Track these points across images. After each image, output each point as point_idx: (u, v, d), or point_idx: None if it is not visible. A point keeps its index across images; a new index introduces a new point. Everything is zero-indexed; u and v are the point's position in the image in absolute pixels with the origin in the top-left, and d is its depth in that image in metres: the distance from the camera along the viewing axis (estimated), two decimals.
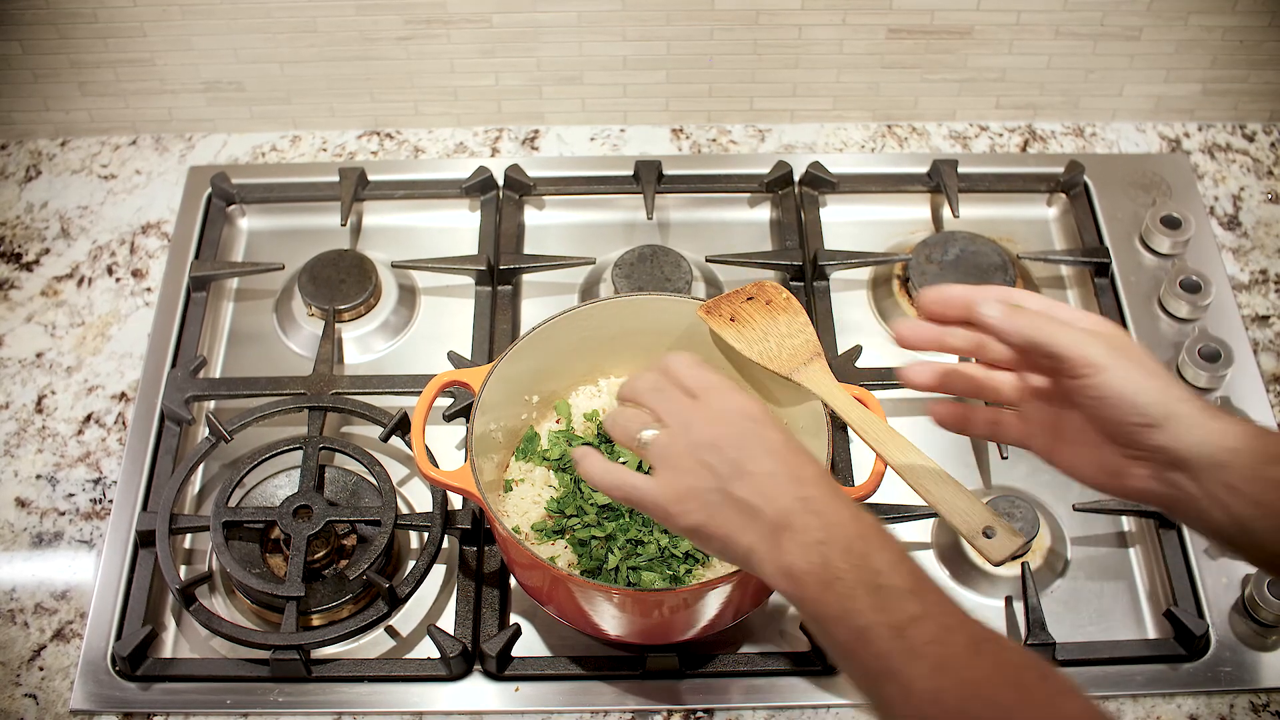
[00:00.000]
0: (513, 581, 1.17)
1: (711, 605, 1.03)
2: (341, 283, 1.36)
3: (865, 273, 1.40)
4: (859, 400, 1.06)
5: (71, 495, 1.24)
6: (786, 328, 1.12)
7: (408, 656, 1.15)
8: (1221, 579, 1.17)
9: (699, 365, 0.90)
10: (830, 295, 1.35)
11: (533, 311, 1.37)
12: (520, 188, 1.44)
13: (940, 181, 1.43)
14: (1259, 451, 0.76)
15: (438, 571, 1.19)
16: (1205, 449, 0.76)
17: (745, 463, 0.82)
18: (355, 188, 1.42)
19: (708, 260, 1.38)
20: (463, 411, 1.25)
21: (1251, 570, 1.16)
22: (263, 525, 1.18)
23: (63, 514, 1.23)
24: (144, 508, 1.21)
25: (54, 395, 1.31)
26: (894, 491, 1.14)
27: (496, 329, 1.33)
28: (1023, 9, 1.42)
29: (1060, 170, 1.46)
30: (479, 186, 1.44)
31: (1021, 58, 1.48)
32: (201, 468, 1.26)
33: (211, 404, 1.29)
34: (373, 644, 1.16)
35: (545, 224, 1.45)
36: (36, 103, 1.50)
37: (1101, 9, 1.42)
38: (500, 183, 1.45)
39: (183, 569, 1.19)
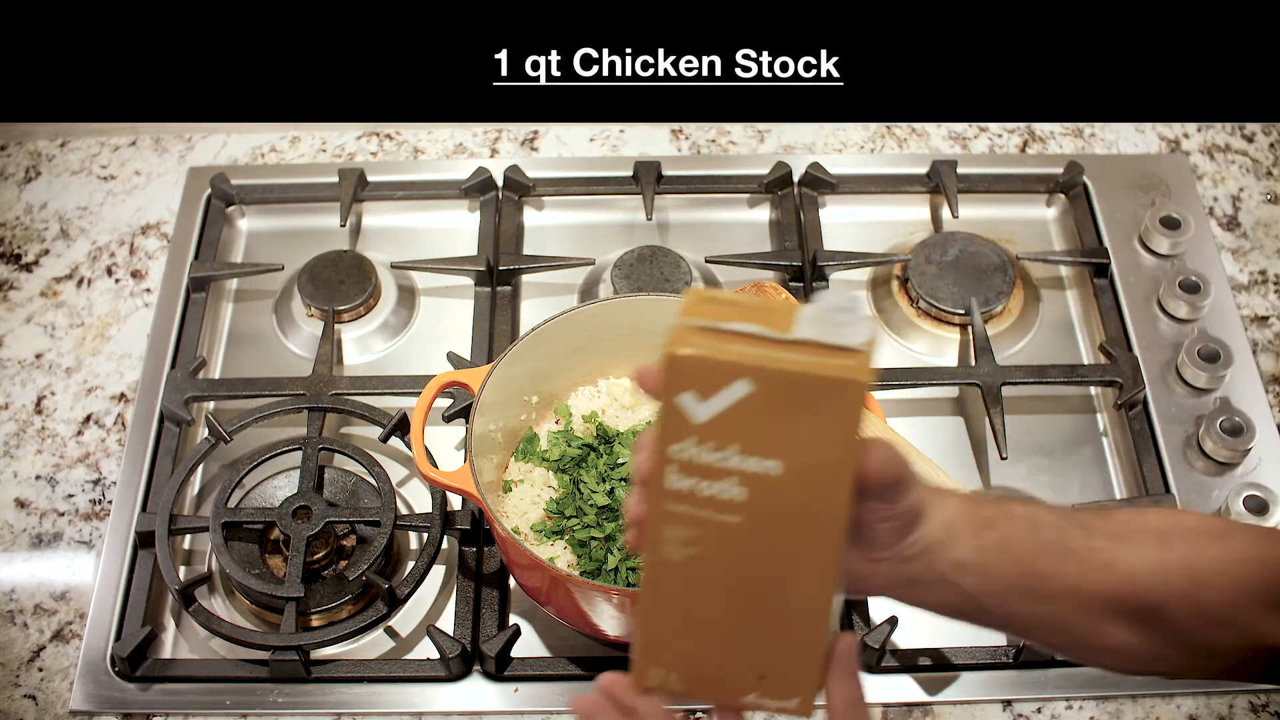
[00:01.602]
0: (512, 582, 1.17)
1: None
2: (341, 283, 1.36)
3: (864, 273, 1.40)
4: None
5: (71, 496, 1.24)
6: None
7: (407, 657, 1.15)
8: None
9: None
10: None
11: (532, 312, 1.37)
12: (519, 188, 1.44)
13: (939, 182, 1.43)
14: (972, 519, 0.71)
15: (437, 572, 1.19)
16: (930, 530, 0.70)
17: None
18: (355, 188, 1.42)
19: (707, 261, 1.38)
20: (462, 412, 1.25)
21: None
22: (262, 526, 1.18)
23: (62, 515, 1.23)
24: (143, 508, 1.21)
25: (53, 396, 1.31)
26: None
27: (496, 330, 1.33)
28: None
29: (1059, 171, 1.45)
30: (478, 187, 1.44)
31: None
32: (201, 468, 1.26)
33: (211, 405, 1.29)
34: (372, 644, 1.16)
35: (544, 225, 1.45)
36: None
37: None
38: (499, 183, 1.44)
39: (182, 570, 1.19)
